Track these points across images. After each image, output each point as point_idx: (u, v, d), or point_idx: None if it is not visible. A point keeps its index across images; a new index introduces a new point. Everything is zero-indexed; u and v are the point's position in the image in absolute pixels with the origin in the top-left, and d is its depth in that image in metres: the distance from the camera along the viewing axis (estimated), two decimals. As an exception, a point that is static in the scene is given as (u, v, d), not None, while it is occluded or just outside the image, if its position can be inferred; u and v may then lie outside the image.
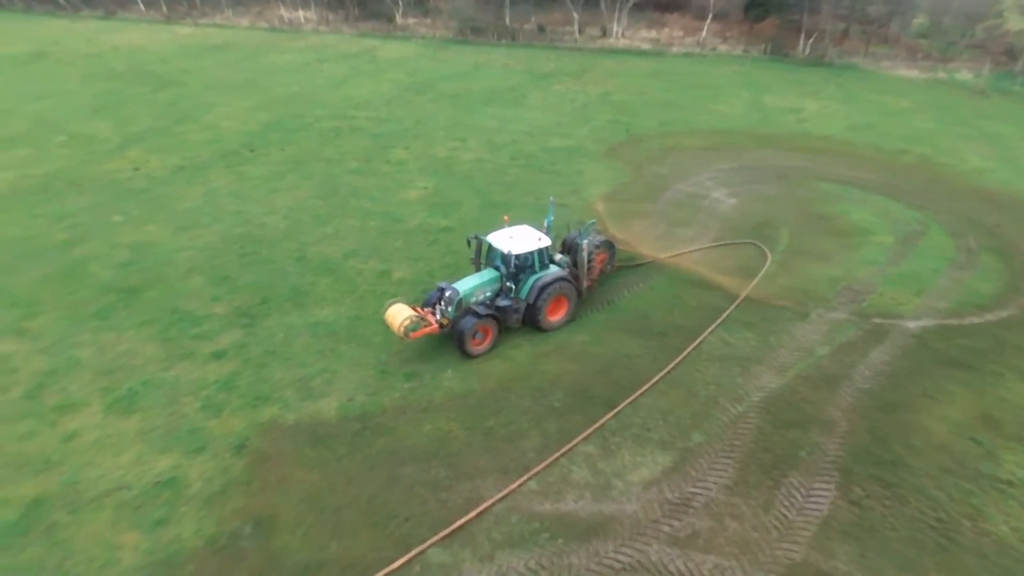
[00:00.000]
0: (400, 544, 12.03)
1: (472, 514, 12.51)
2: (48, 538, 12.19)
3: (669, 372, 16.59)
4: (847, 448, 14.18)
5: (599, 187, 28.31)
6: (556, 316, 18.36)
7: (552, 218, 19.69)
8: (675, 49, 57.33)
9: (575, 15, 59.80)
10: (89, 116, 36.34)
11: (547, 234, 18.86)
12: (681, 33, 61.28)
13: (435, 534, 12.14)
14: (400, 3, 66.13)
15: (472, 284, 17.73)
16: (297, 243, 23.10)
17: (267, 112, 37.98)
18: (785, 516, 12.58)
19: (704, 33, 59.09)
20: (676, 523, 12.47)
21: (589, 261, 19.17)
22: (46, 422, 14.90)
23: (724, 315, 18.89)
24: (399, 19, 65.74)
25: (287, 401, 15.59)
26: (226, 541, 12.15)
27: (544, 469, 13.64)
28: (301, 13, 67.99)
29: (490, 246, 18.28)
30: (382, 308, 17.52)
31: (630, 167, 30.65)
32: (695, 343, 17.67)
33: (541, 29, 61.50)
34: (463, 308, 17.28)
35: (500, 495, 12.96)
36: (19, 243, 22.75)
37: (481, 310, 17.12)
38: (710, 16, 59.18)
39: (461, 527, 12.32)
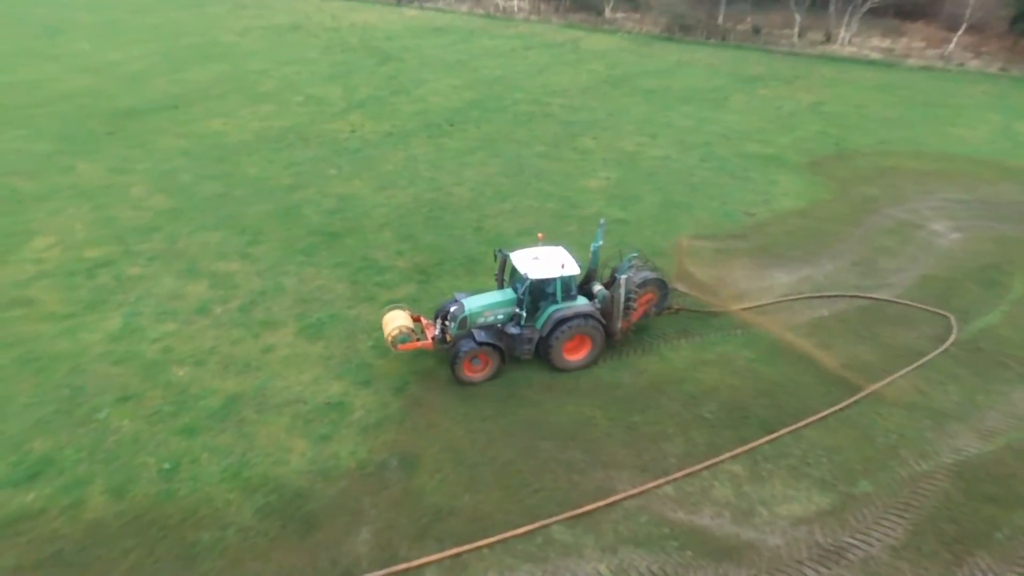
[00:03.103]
0: (527, 513, 12.26)
1: (603, 502, 12.35)
2: (238, 429, 14.22)
3: (844, 408, 14.91)
4: (1063, 543, 11.73)
5: (794, 200, 26.12)
6: (576, 356, 15.97)
7: (601, 243, 17.06)
8: (911, 61, 50.73)
9: (797, 17, 55.34)
10: (324, 82, 41.26)
11: (593, 260, 16.88)
12: (922, 44, 54.01)
13: (563, 512, 12.18)
14: (611, -3, 66.18)
15: (482, 303, 15.85)
16: (478, 214, 24.30)
17: (470, 91, 40.25)
18: (963, 599, 10.78)
19: (952, 46, 51.52)
20: (824, 570, 11.25)
21: (628, 300, 16.23)
22: (251, 333, 17.36)
23: (923, 360, 16.53)
24: (608, 12, 65.82)
25: (445, 357, 16.51)
26: (374, 468, 13.27)
27: (684, 477, 13.03)
28: (516, 2, 70.83)
29: (513, 265, 16.07)
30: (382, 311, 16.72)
31: (834, 184, 27.84)
32: (881, 383, 15.68)
33: (756, 30, 57.85)
34: (467, 328, 15.60)
35: (634, 491, 12.64)
36: (255, 182, 26.63)
37: (481, 336, 15.23)
38: (963, 27, 51.39)
39: (589, 512, 12.22)
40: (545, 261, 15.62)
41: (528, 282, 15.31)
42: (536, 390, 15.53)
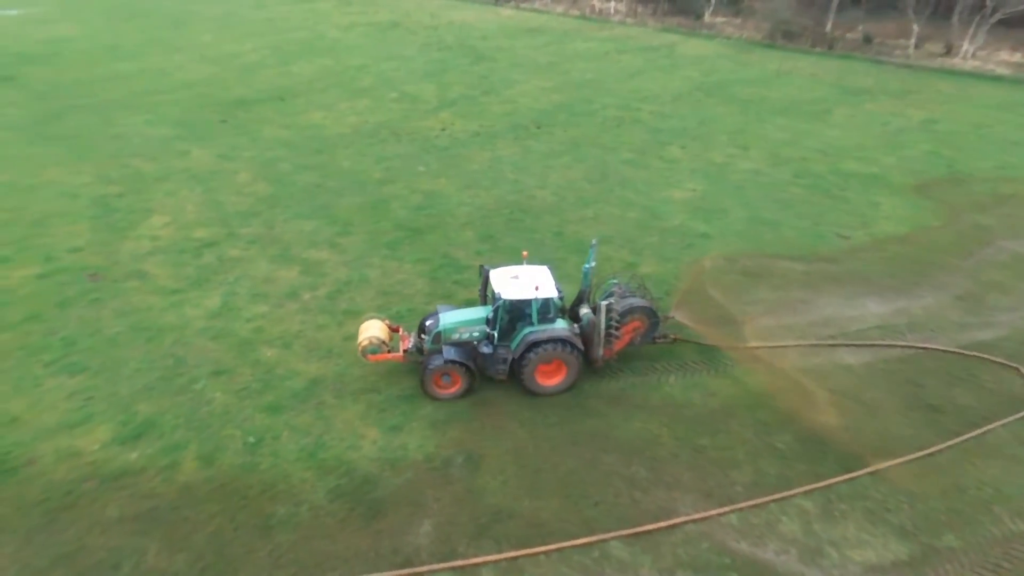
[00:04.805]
0: (585, 524, 12.31)
1: (664, 523, 12.22)
2: (317, 412, 15.03)
3: (934, 454, 13.99)
4: None
5: (895, 225, 24.60)
6: (550, 381, 15.43)
7: (593, 263, 16.27)
8: (1045, 78, 46.40)
9: (914, 27, 51.76)
10: (419, 79, 42.54)
11: (585, 281, 16.21)
12: (1059, 59, 49.28)
13: (622, 528, 12.15)
14: (712, 1, 64.31)
15: (458, 319, 15.60)
16: (558, 219, 24.41)
17: (560, 94, 40.34)
18: (1055, 677, 9.92)
19: (1095, 62, 46.70)
20: (896, 624, 10.66)
21: (610, 327, 15.49)
22: (335, 321, 18.27)
23: (1030, 410, 15.24)
24: (708, 17, 64.04)
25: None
26: (439, 463, 13.69)
27: (751, 508, 12.67)
28: (612, 4, 70.18)
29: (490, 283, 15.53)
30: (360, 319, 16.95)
31: (943, 209, 25.99)
32: (979, 430, 14.59)
33: (867, 39, 54.61)
34: (441, 343, 15.36)
35: (697, 516, 12.42)
36: (349, 174, 27.89)
37: (449, 353, 15.02)
38: (1111, 42, 46.44)
39: (648, 532, 12.11)
40: (523, 281, 15.17)
41: (500, 302, 14.97)
42: (603, 401, 15.51)
